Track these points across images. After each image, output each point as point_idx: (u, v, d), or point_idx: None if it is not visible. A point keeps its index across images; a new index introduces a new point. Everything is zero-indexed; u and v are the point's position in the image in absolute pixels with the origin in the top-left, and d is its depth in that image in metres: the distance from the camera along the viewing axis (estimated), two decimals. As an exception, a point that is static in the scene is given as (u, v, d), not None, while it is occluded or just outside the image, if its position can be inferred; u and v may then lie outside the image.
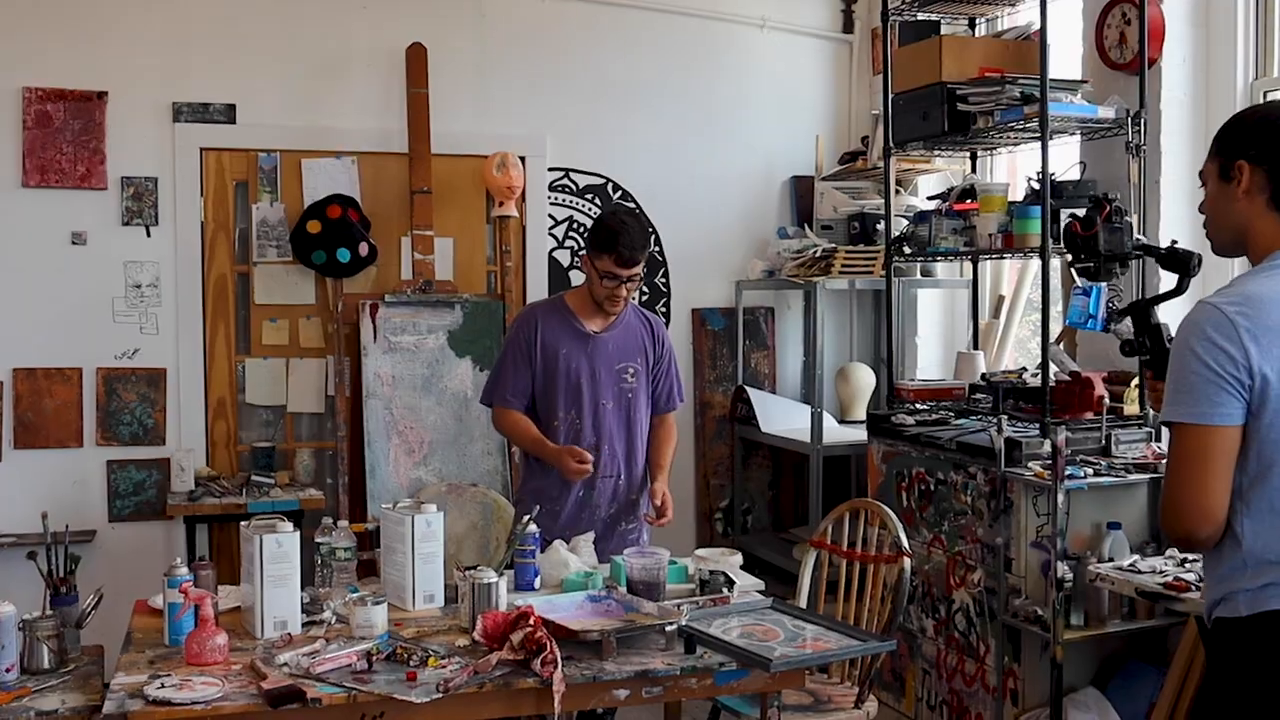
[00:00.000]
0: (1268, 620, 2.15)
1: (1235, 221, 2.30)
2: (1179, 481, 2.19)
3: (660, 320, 4.07)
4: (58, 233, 5.02)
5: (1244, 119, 2.35)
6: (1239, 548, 2.18)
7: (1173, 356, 2.23)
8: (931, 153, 5.17)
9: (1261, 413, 2.14)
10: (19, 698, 2.90)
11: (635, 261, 3.71)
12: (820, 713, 3.42)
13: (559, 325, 3.85)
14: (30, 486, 4.95)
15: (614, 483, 3.89)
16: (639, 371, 3.90)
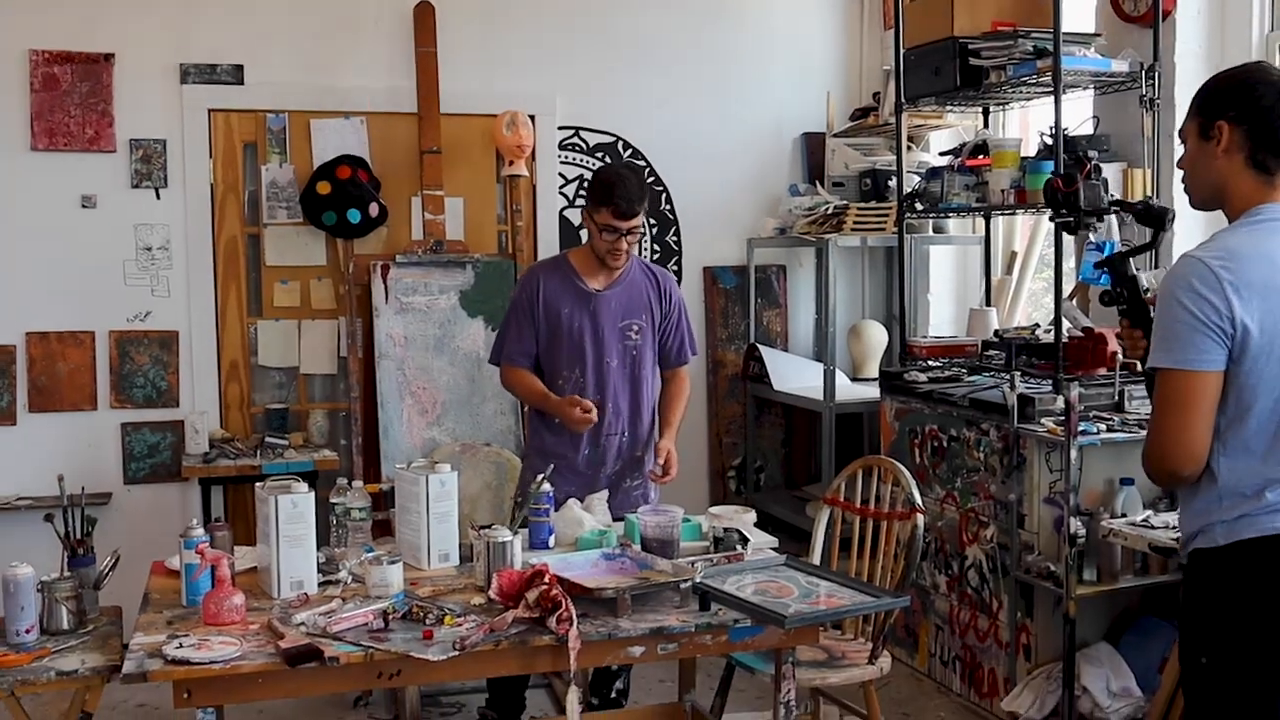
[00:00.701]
0: (1242, 549, 2.33)
1: (1214, 178, 2.44)
2: (1165, 423, 2.35)
3: (668, 274, 4.03)
4: (67, 196, 5.01)
5: (1223, 80, 2.47)
6: (1215, 484, 2.36)
7: (1159, 307, 2.37)
8: (943, 108, 5.14)
9: (1241, 360, 2.30)
10: (39, 658, 2.93)
11: (634, 213, 3.69)
12: (834, 668, 3.43)
13: (561, 284, 3.85)
14: (45, 450, 4.98)
15: (619, 440, 3.89)
16: (644, 328, 3.88)
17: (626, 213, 3.68)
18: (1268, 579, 2.32)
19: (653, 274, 3.96)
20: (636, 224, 3.72)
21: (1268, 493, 2.33)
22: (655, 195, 5.73)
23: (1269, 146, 2.37)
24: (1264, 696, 2.34)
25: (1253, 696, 2.35)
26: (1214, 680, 2.39)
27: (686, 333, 4.01)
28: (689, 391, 4.07)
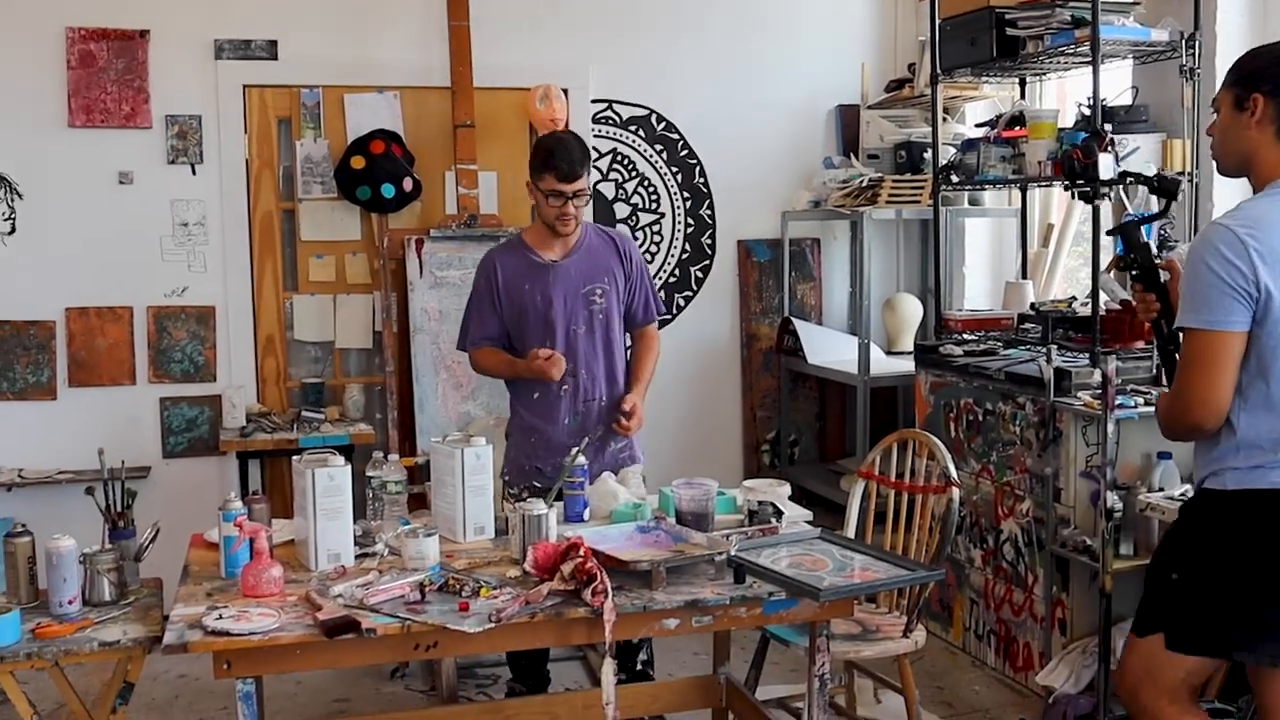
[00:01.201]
0: (1248, 497, 2.56)
1: (1245, 148, 2.60)
2: (1192, 379, 2.54)
3: (625, 235, 4.04)
4: (105, 172, 5.05)
5: (1263, 55, 2.64)
6: (1234, 435, 2.56)
7: (1188, 271, 2.55)
8: (979, 79, 5.09)
9: (1265, 322, 2.49)
10: (82, 629, 2.96)
11: (575, 175, 3.70)
12: (868, 641, 3.43)
13: (518, 262, 3.87)
14: (85, 424, 5.03)
15: (598, 405, 3.90)
16: (608, 291, 3.89)
17: (569, 175, 3.69)
18: (1264, 528, 2.56)
19: (610, 237, 3.98)
20: (581, 186, 3.73)
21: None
22: (689, 168, 5.71)
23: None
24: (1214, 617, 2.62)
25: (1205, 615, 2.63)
26: (1176, 593, 2.67)
27: (650, 292, 4.03)
28: (658, 349, 4.10)
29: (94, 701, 3.42)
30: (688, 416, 5.79)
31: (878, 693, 4.18)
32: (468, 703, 4.11)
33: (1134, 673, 2.77)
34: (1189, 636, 2.67)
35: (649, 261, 5.70)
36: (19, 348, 5.00)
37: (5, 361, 4.99)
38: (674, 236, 5.75)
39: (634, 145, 5.64)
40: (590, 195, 3.82)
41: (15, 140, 4.94)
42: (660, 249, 5.73)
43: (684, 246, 5.77)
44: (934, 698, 4.26)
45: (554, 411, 3.86)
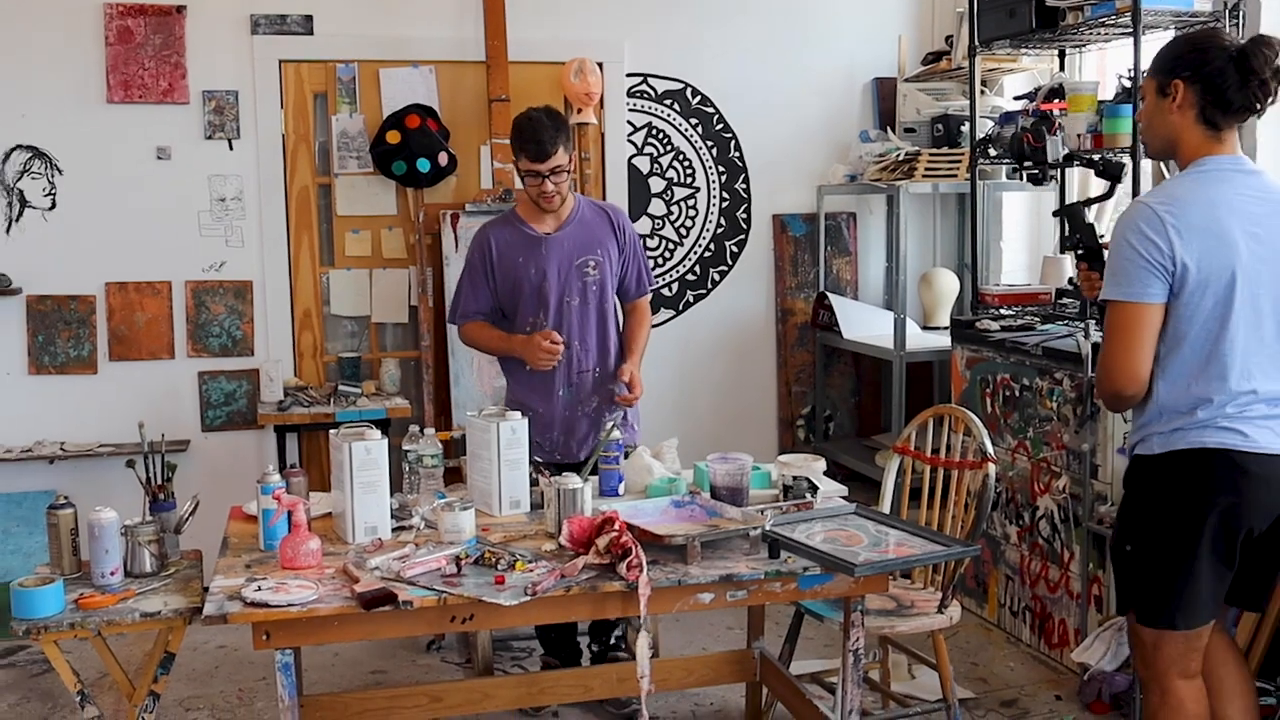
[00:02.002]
0: (1174, 458, 2.72)
1: (1168, 131, 2.78)
2: (1114, 348, 2.71)
3: (619, 209, 4.07)
4: (143, 148, 5.08)
5: (1181, 44, 2.81)
6: (1155, 402, 2.74)
7: (1112, 247, 2.72)
8: (1018, 51, 5.03)
9: (1180, 294, 2.66)
10: (124, 599, 3.00)
11: (546, 155, 3.71)
12: (903, 617, 3.43)
13: (511, 235, 3.90)
14: (126, 398, 5.09)
15: (591, 376, 3.94)
16: (601, 263, 3.91)
17: (538, 154, 3.71)
18: (1192, 484, 2.71)
19: (603, 210, 4.01)
20: (557, 163, 3.73)
21: (1199, 410, 2.69)
22: (724, 142, 5.69)
23: (1217, 104, 2.70)
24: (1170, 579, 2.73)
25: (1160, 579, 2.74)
26: (1133, 567, 2.80)
27: (643, 265, 4.05)
28: (650, 321, 4.14)
29: (135, 671, 3.47)
30: (722, 391, 5.79)
31: (912, 668, 4.18)
32: (503, 675, 4.14)
33: (1142, 648, 2.84)
34: (1156, 610, 2.77)
35: (683, 236, 5.69)
36: (60, 322, 5.05)
37: (47, 336, 5.04)
38: (709, 211, 5.73)
39: (669, 119, 5.63)
40: (570, 170, 3.81)
41: (55, 116, 4.98)
42: (695, 224, 5.72)
43: (719, 221, 5.75)
44: (968, 674, 4.25)
45: (548, 384, 3.90)
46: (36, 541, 4.85)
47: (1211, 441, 2.68)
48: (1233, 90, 2.69)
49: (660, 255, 5.68)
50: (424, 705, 3.50)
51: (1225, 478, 2.68)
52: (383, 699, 3.52)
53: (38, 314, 5.03)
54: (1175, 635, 2.76)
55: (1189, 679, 2.80)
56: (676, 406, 5.65)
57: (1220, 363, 2.68)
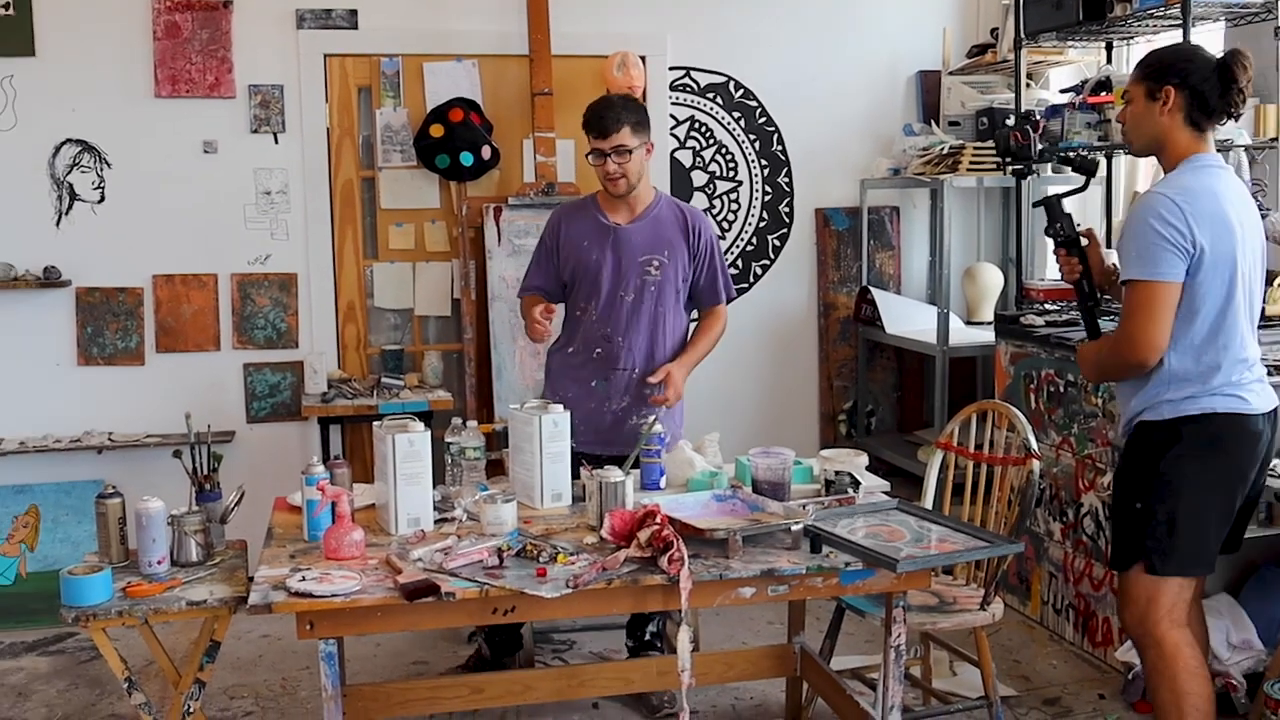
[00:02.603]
0: (1183, 422, 3.02)
1: (1157, 131, 3.06)
2: (1140, 323, 2.97)
3: (699, 212, 4.00)
4: (190, 142, 5.13)
5: (1169, 54, 3.12)
6: (1164, 370, 3.01)
7: (1132, 231, 2.98)
8: (1065, 43, 4.99)
9: (1196, 273, 2.94)
10: (170, 588, 3.03)
11: (607, 131, 3.69)
12: (945, 614, 3.41)
13: (584, 220, 3.89)
14: (172, 389, 5.14)
15: (628, 376, 3.88)
16: (665, 265, 3.85)
17: (601, 130, 3.70)
18: (1205, 444, 3.01)
19: (682, 211, 3.94)
20: (619, 142, 3.70)
21: (1212, 378, 2.99)
22: (767, 135, 5.67)
23: (1201, 109, 3.01)
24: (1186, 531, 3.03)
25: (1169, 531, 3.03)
26: (1144, 522, 3.05)
27: (720, 273, 3.98)
28: (721, 329, 4.03)
29: (181, 659, 3.51)
30: (764, 386, 5.78)
31: (953, 665, 4.16)
32: (544, 667, 4.15)
33: (1136, 603, 3.09)
34: (1166, 559, 3.04)
35: (725, 230, 5.68)
36: (108, 314, 5.11)
37: (95, 327, 5.10)
38: (751, 204, 5.72)
39: (712, 113, 5.62)
40: (632, 152, 3.74)
41: (104, 111, 5.04)
42: (738, 217, 5.71)
43: (761, 215, 5.74)
44: (1010, 671, 4.22)
45: (585, 372, 3.89)
46: (85, 530, 4.91)
47: (1221, 406, 3.01)
48: (1215, 97, 3.01)
49: (702, 249, 5.67)
50: (465, 696, 3.52)
51: (1233, 437, 3.03)
52: (424, 689, 3.55)
53: (86, 306, 5.09)
54: (1171, 584, 3.05)
55: (1180, 627, 3.07)
56: (718, 400, 5.64)
57: (1226, 334, 3.00)
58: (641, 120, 3.77)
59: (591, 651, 4.47)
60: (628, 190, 3.81)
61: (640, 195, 3.86)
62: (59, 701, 4.12)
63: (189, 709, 3.13)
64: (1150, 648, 3.08)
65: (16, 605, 4.84)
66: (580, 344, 3.92)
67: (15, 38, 4.93)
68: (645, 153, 3.80)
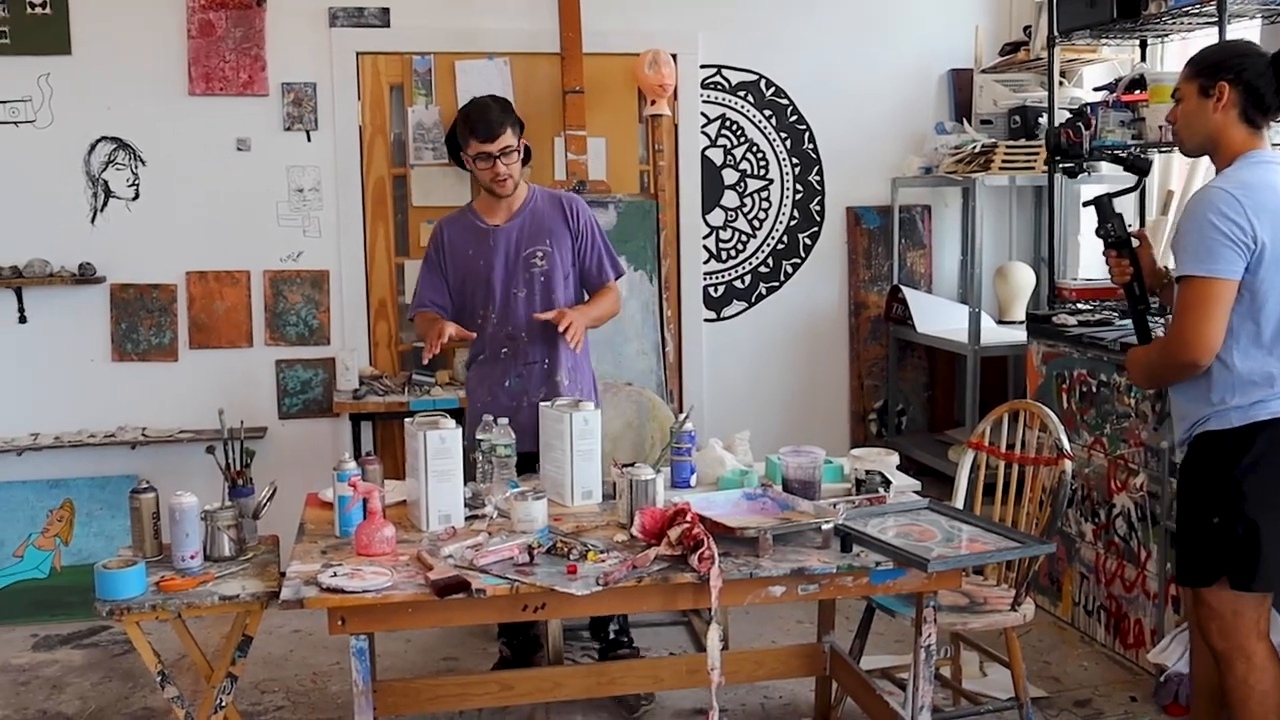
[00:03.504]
0: (1257, 427, 2.92)
1: (1211, 129, 3.00)
2: (1195, 321, 2.87)
3: (574, 197, 4.03)
4: (223, 139, 5.16)
5: (1224, 50, 3.09)
6: (1230, 374, 2.92)
7: (1190, 226, 2.90)
8: (1098, 41, 4.96)
9: (1257, 269, 2.86)
10: (203, 583, 3.05)
11: (494, 134, 3.73)
12: (976, 614, 3.40)
13: (464, 229, 3.93)
14: (205, 385, 5.18)
15: (539, 368, 3.91)
16: (550, 253, 3.88)
17: (488, 134, 3.73)
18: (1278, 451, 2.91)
19: (558, 199, 3.98)
20: (506, 144, 3.75)
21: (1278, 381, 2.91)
22: (798, 134, 5.66)
23: (1256, 105, 2.95)
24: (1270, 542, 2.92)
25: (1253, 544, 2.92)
26: (1224, 537, 2.94)
27: (604, 252, 3.99)
28: (615, 298, 4.04)
29: (213, 653, 3.53)
30: (794, 384, 5.77)
31: (984, 666, 4.14)
32: (573, 664, 4.16)
33: (1221, 618, 3.00)
34: (1253, 573, 2.94)
35: (756, 228, 5.67)
36: (142, 310, 5.15)
37: (130, 324, 5.14)
38: (782, 203, 5.71)
39: (743, 111, 5.61)
40: (520, 151, 3.82)
41: (139, 108, 5.08)
42: (768, 215, 5.70)
43: (792, 213, 5.73)
44: (1041, 672, 4.20)
45: (496, 375, 3.92)
46: (119, 524, 4.95)
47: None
48: (1270, 93, 2.95)
49: (733, 247, 5.67)
50: (494, 693, 3.53)
51: None
52: (454, 685, 3.56)
53: (121, 302, 5.13)
54: (1254, 598, 2.96)
55: (1263, 639, 3.00)
56: (748, 399, 5.64)
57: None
58: (516, 120, 3.85)
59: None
60: (514, 189, 3.87)
61: (517, 192, 3.92)
62: (93, 694, 4.16)
63: (221, 703, 3.15)
64: (1240, 661, 3.00)
65: (51, 599, 4.89)
66: (488, 349, 3.94)
67: (52, 36, 4.97)
68: (521, 148, 3.87)
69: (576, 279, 3.98)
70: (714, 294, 5.67)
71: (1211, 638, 3.05)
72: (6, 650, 4.56)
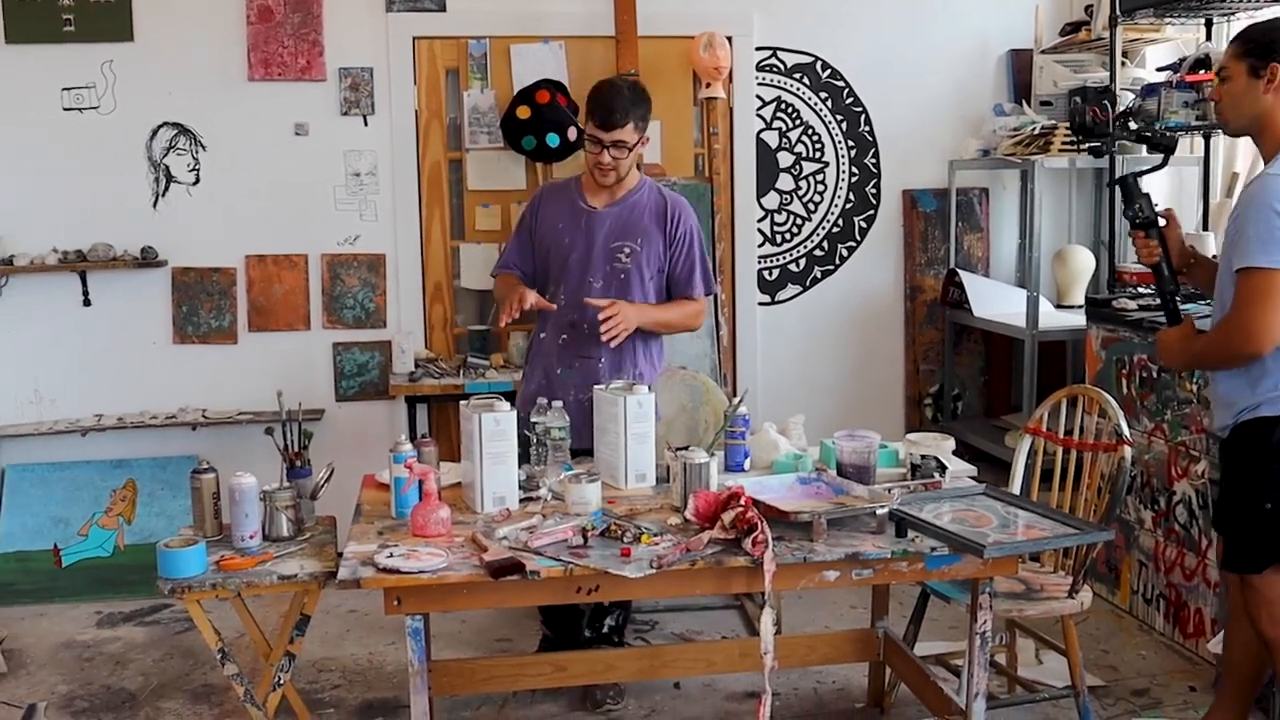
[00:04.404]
0: None
1: (1257, 110, 2.96)
2: (1259, 313, 2.85)
3: (680, 200, 3.88)
4: (282, 124, 5.21)
5: (1275, 28, 2.98)
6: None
7: (1255, 217, 2.85)
8: (1162, 20, 4.88)
9: None
10: (262, 562, 3.10)
11: (612, 125, 3.62)
12: (1032, 601, 3.37)
13: (562, 201, 3.85)
14: (264, 367, 5.24)
15: (595, 364, 3.78)
16: (636, 252, 3.76)
17: (606, 123, 3.63)
18: None
19: (664, 199, 3.84)
20: (620, 137, 3.64)
21: None
22: (854, 116, 5.62)
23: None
24: None
25: None
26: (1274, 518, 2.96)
27: (698, 265, 3.84)
28: (692, 313, 3.89)
29: (272, 632, 3.58)
30: (849, 368, 5.74)
31: (1039, 653, 4.11)
32: (626, 647, 4.17)
33: (1273, 604, 3.01)
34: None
35: (811, 211, 5.64)
36: (203, 293, 5.22)
37: (190, 307, 5.21)
38: (838, 186, 5.67)
39: (798, 93, 5.57)
40: (631, 148, 3.68)
41: (199, 94, 5.14)
42: (824, 199, 5.66)
43: (848, 196, 5.69)
44: (1098, 661, 4.16)
45: (551, 358, 3.84)
46: (179, 504, 5.03)
47: None
48: None
49: (788, 230, 5.64)
50: (548, 674, 3.55)
51: None
52: (508, 666, 3.59)
53: (182, 285, 5.20)
54: None
55: None
56: (803, 383, 5.62)
57: None
58: (646, 115, 3.72)
59: (673, 632, 4.48)
60: (615, 182, 3.77)
61: (624, 181, 3.80)
62: (154, 670, 4.23)
63: (279, 680, 3.20)
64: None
65: (115, 577, 4.98)
66: (550, 329, 3.85)
67: (115, 23, 5.04)
68: (641, 146, 3.75)
69: (661, 286, 3.85)
70: (768, 277, 5.65)
71: (1262, 624, 3.05)
72: (71, 627, 4.65)
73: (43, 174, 5.09)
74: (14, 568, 4.96)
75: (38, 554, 4.99)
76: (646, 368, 3.85)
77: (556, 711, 3.83)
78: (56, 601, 4.90)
